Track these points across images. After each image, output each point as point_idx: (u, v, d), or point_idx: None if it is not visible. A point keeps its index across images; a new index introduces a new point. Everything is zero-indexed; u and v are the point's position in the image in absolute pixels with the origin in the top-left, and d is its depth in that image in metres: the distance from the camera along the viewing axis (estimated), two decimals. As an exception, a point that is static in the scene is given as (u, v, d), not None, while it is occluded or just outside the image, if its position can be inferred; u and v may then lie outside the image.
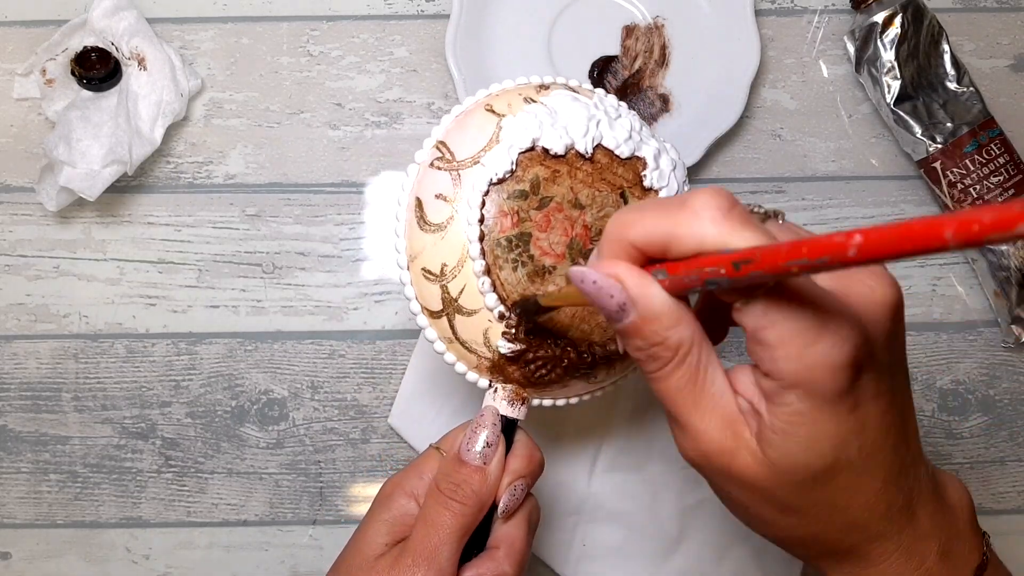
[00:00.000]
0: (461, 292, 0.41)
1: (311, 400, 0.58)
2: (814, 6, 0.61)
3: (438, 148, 0.43)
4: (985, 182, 0.56)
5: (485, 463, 0.40)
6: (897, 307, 0.32)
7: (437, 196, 0.41)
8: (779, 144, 0.60)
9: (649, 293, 0.31)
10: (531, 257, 0.42)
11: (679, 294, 0.31)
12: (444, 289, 0.41)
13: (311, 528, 0.58)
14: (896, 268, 0.59)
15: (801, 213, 0.59)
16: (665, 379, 0.32)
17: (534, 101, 0.43)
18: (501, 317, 0.41)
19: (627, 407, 0.57)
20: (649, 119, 0.59)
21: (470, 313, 0.41)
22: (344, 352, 0.59)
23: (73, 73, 0.58)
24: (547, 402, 0.45)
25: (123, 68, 0.58)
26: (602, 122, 0.44)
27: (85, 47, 0.58)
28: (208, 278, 0.59)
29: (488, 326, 0.41)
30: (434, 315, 0.42)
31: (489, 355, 0.42)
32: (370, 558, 0.41)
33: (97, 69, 0.57)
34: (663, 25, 0.59)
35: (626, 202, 0.44)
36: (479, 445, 0.41)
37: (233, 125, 0.60)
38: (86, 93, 0.58)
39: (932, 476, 0.35)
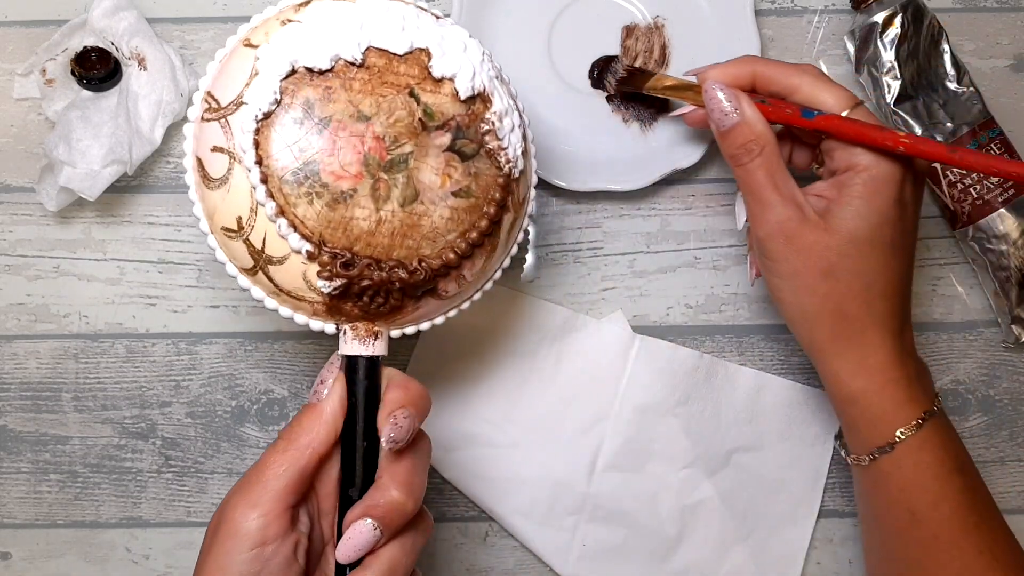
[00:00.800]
0: (264, 241, 0.39)
1: (311, 400, 0.58)
2: (814, 6, 0.61)
3: (206, 100, 0.40)
4: (985, 182, 0.56)
5: (320, 401, 0.41)
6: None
7: (213, 149, 0.39)
8: (779, 144, 0.60)
9: (751, 108, 0.46)
10: (325, 185, 0.39)
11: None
12: (248, 243, 0.40)
13: (311, 528, 0.58)
14: (896, 268, 0.59)
15: (801, 213, 0.59)
16: (755, 169, 0.45)
17: (288, 21, 0.41)
18: (311, 257, 0.39)
19: (628, 407, 0.57)
20: (649, 119, 0.59)
21: (281, 260, 0.40)
22: (344, 352, 0.59)
23: (73, 73, 0.58)
24: (410, 330, 0.43)
25: (123, 68, 0.58)
26: (366, 24, 0.41)
27: (85, 47, 0.58)
28: (208, 278, 0.59)
29: (304, 268, 0.40)
30: (250, 272, 0.41)
31: (319, 298, 0.40)
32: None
33: (97, 69, 0.57)
34: (663, 25, 0.59)
35: (417, 100, 0.42)
36: (318, 385, 0.41)
37: (233, 125, 0.60)
38: (86, 93, 0.58)
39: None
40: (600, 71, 0.59)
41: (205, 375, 0.59)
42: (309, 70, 0.39)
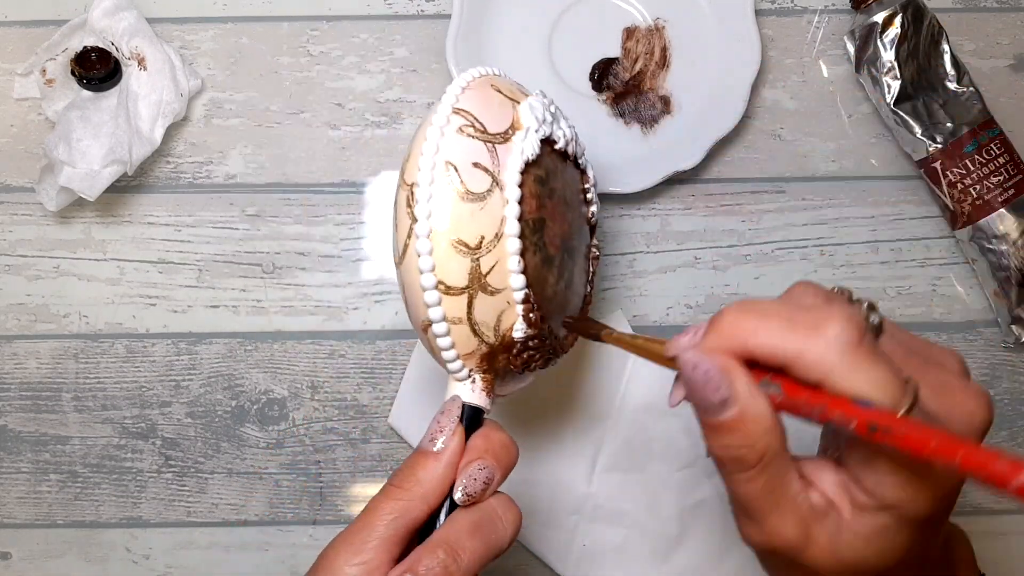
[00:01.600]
0: (491, 269, 0.39)
1: (311, 400, 0.58)
2: (814, 6, 0.61)
3: (462, 115, 0.40)
4: (985, 182, 0.56)
5: (436, 449, 0.38)
6: (987, 429, 0.32)
7: (475, 165, 0.39)
8: (779, 144, 0.60)
9: (757, 400, 0.30)
10: (543, 245, 0.41)
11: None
12: (476, 264, 0.39)
13: (311, 528, 0.58)
14: (896, 267, 0.59)
15: (801, 213, 0.60)
16: (746, 484, 0.31)
17: (525, 94, 0.43)
18: (525, 300, 0.40)
19: (628, 407, 0.57)
20: (650, 121, 0.59)
21: (494, 292, 0.39)
22: (344, 352, 0.59)
23: (73, 73, 0.58)
24: (507, 391, 0.43)
25: (123, 68, 0.58)
26: (575, 128, 0.44)
27: (85, 47, 0.58)
28: (208, 278, 0.59)
29: (504, 308, 0.40)
30: (451, 292, 0.39)
31: (492, 339, 0.40)
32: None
33: (97, 69, 0.57)
34: (664, 27, 0.59)
35: (587, 202, 0.46)
36: (435, 432, 0.39)
37: (233, 125, 0.60)
38: (86, 93, 0.58)
39: (945, 542, 0.36)
40: (601, 73, 0.59)
41: (205, 375, 0.59)
42: (552, 143, 0.42)
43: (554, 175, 0.42)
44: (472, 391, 0.41)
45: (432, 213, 0.38)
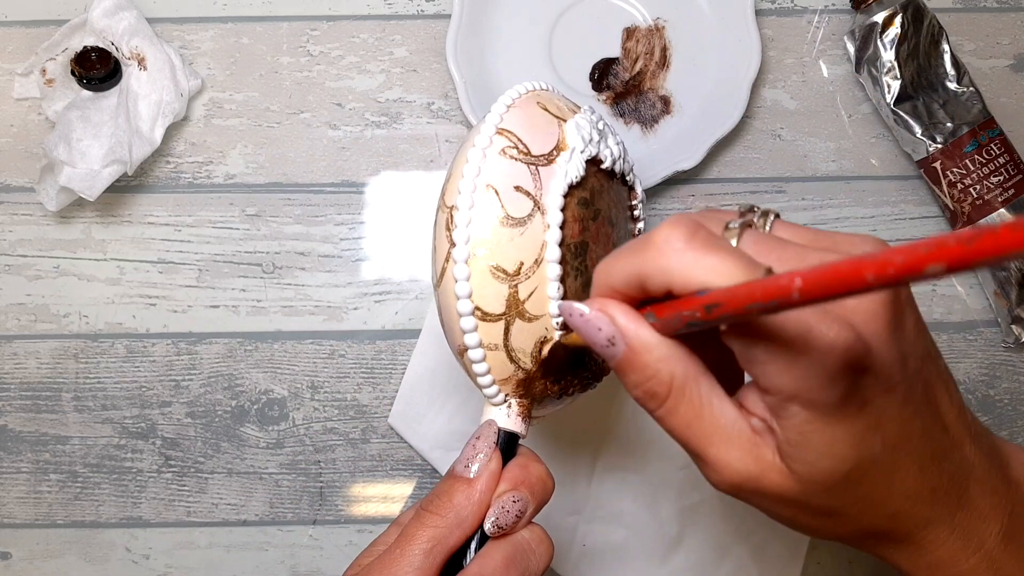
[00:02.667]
0: (530, 295, 0.38)
1: (311, 400, 0.58)
2: (814, 6, 0.61)
3: (505, 136, 0.39)
4: (985, 182, 0.56)
5: (472, 475, 0.37)
6: (892, 300, 0.31)
7: (516, 188, 0.38)
8: (779, 144, 0.60)
9: (638, 327, 0.31)
10: (586, 267, 0.39)
11: (673, 334, 0.31)
12: (514, 290, 0.38)
13: (311, 528, 0.58)
14: (896, 268, 0.59)
15: (801, 213, 0.60)
16: (669, 416, 0.32)
17: (574, 110, 0.41)
18: (564, 326, 0.38)
19: (627, 407, 0.57)
20: (650, 121, 0.59)
21: (532, 319, 0.38)
22: (344, 352, 0.59)
23: (73, 73, 0.58)
24: (543, 414, 0.43)
25: (123, 68, 0.58)
26: (623, 145, 0.43)
27: (85, 47, 0.58)
28: (208, 278, 0.59)
29: (543, 335, 0.39)
30: (488, 318, 0.38)
31: (530, 365, 0.39)
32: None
33: (97, 69, 0.57)
34: (664, 27, 0.59)
35: (635, 219, 0.45)
36: (472, 457, 0.38)
37: (233, 125, 0.60)
38: (86, 93, 0.58)
39: (992, 451, 0.34)
40: (601, 73, 0.59)
41: (205, 375, 0.59)
42: (599, 163, 0.41)
43: (599, 195, 0.41)
44: (508, 416, 0.40)
45: (471, 238, 0.37)
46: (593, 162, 0.40)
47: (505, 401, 0.40)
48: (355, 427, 0.58)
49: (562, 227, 0.38)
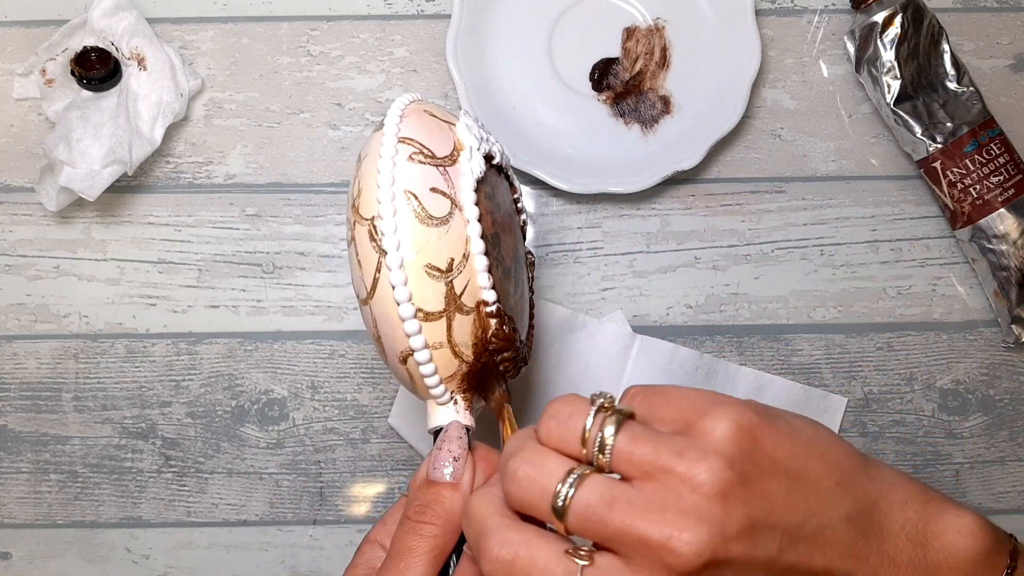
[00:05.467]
0: (464, 289, 0.40)
1: (311, 400, 0.58)
2: (814, 6, 0.61)
3: (408, 144, 0.40)
4: (985, 182, 0.56)
5: (455, 479, 0.38)
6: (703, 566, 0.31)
7: (433, 190, 0.39)
8: (779, 144, 0.60)
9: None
10: (501, 258, 0.41)
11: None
12: (450, 285, 0.39)
13: (311, 528, 0.58)
14: (896, 267, 0.59)
15: (801, 213, 0.60)
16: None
17: (454, 118, 0.43)
18: (498, 314, 0.40)
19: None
20: (650, 121, 0.59)
21: (468, 311, 0.40)
22: (344, 352, 0.59)
23: (73, 73, 0.58)
24: (480, 405, 0.43)
25: (123, 68, 0.58)
26: (500, 141, 0.46)
27: (85, 47, 0.58)
28: (208, 278, 0.59)
29: (479, 325, 0.40)
30: (430, 317, 0.39)
31: (471, 358, 0.40)
32: None
33: (97, 69, 0.57)
34: (664, 27, 0.59)
35: (519, 212, 0.48)
36: (447, 461, 0.38)
37: (233, 125, 0.60)
38: (86, 93, 0.58)
39: (913, 538, 0.34)
40: (601, 73, 0.59)
41: (205, 375, 0.59)
42: (489, 158, 0.43)
43: (496, 189, 0.43)
44: (456, 413, 0.41)
45: (401, 243, 0.39)
46: (486, 158, 0.42)
47: (451, 399, 0.41)
48: (355, 427, 0.58)
49: (479, 220, 0.40)
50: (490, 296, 0.40)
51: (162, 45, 0.58)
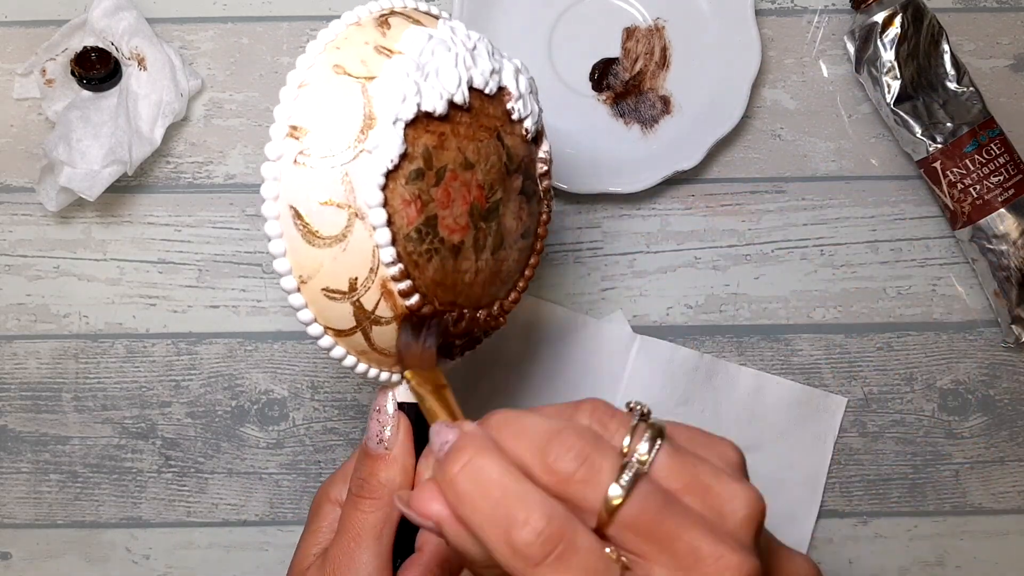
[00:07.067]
0: (377, 304, 0.35)
1: (311, 400, 0.58)
2: (814, 6, 0.61)
3: (295, 138, 0.34)
4: (985, 182, 0.56)
5: (388, 449, 0.37)
6: (755, 527, 0.30)
7: (324, 204, 0.33)
8: (779, 144, 0.60)
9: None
10: (442, 241, 0.36)
11: None
12: (357, 306, 0.35)
13: (311, 528, 0.58)
14: (896, 267, 0.59)
15: (801, 213, 0.60)
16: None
17: (389, 51, 0.35)
18: (432, 314, 0.36)
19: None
20: (650, 121, 0.59)
21: (388, 322, 0.36)
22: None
23: (73, 73, 0.58)
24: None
25: (123, 68, 0.58)
26: (466, 59, 0.37)
27: (85, 47, 0.58)
28: (208, 278, 0.59)
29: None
30: (343, 333, 0.36)
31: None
32: (302, 571, 0.38)
33: (97, 69, 0.57)
34: (664, 27, 0.59)
35: (502, 144, 0.38)
36: (377, 433, 0.37)
37: (233, 125, 0.60)
38: (86, 93, 0.58)
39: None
40: (601, 73, 0.59)
41: (205, 375, 0.59)
42: (428, 114, 0.35)
43: (441, 147, 0.35)
44: (408, 390, 0.38)
45: (291, 268, 0.34)
46: (424, 115, 0.35)
47: (400, 380, 0.38)
48: (355, 427, 0.58)
49: (391, 223, 0.34)
50: (413, 301, 0.35)
51: (162, 45, 0.58)
